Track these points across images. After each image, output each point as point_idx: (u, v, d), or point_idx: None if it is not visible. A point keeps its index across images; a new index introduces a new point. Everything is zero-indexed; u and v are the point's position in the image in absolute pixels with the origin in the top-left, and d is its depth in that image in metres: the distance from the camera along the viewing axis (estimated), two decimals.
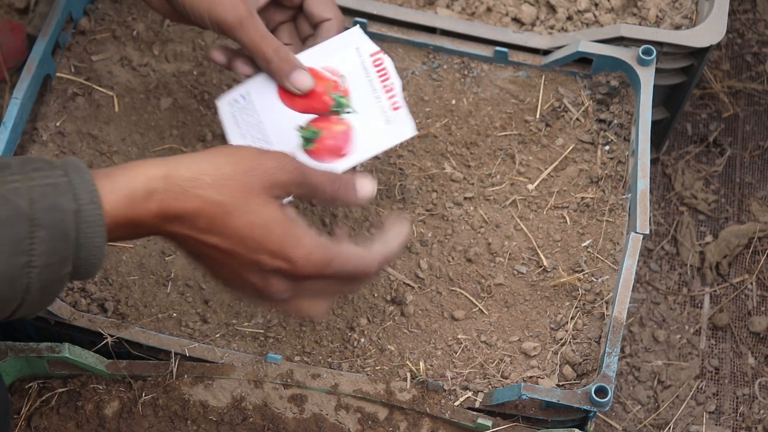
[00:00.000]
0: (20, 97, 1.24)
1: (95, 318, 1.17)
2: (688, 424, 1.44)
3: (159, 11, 1.12)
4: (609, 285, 1.21)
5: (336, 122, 1.10)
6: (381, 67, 1.12)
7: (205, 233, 0.88)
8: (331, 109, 1.11)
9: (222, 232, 0.88)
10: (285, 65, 1.09)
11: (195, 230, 0.88)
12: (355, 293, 1.17)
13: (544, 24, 1.38)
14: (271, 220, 0.89)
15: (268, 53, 1.08)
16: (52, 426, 1.13)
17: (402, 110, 1.11)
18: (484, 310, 1.21)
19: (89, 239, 0.83)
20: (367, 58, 1.12)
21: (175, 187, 0.86)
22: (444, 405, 1.13)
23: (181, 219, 0.87)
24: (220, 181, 0.88)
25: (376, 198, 1.26)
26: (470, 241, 1.24)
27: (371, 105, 1.11)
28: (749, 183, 1.63)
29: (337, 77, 1.11)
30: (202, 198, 0.87)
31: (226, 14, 1.05)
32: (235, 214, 0.88)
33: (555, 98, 1.32)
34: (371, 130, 1.11)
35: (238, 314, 1.20)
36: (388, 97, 1.11)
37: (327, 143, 1.10)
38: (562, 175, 1.28)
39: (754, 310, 1.53)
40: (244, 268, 0.91)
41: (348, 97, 1.11)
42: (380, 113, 1.11)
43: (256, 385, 1.14)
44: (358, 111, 1.11)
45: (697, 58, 1.38)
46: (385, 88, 1.11)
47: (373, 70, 1.12)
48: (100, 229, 0.83)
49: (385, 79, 1.11)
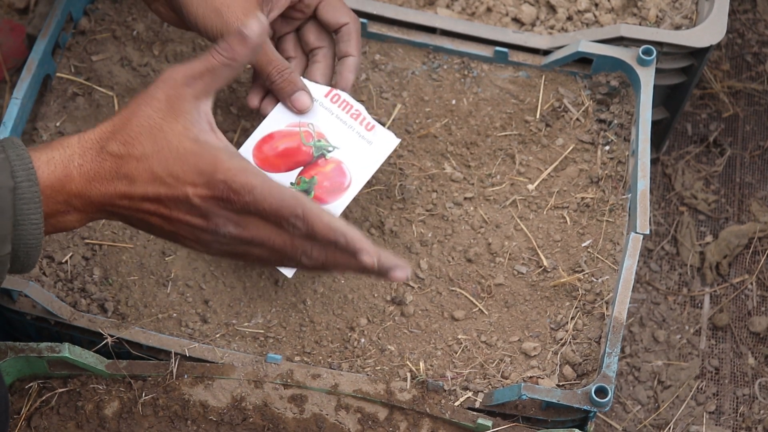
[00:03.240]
0: (20, 97, 1.24)
1: (95, 318, 1.17)
2: (688, 424, 1.44)
3: (166, 20, 1.14)
4: (609, 285, 1.21)
5: (324, 164, 1.15)
6: (340, 102, 1.17)
7: (128, 186, 0.90)
8: (314, 155, 1.16)
9: (138, 178, 0.89)
10: (287, 86, 1.14)
11: (119, 186, 0.90)
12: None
13: (544, 24, 1.38)
14: (183, 150, 0.89)
15: (273, 74, 1.13)
16: (52, 426, 1.13)
17: (377, 127, 1.17)
18: (484, 310, 1.21)
19: (27, 216, 0.86)
20: (323, 99, 1.17)
21: (89, 151, 0.89)
22: (444, 405, 1.13)
23: (99, 179, 0.89)
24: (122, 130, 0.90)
25: (376, 198, 1.26)
26: (470, 241, 1.24)
27: (348, 135, 1.16)
28: (749, 183, 1.63)
29: (305, 126, 1.16)
30: (110, 152, 0.89)
31: None
32: (146, 158, 0.89)
33: (555, 98, 1.32)
34: (359, 155, 1.16)
35: (238, 314, 1.20)
36: (359, 123, 1.17)
37: (325, 185, 1.15)
38: (562, 175, 1.28)
39: (754, 310, 1.53)
40: (177, 210, 0.91)
41: (324, 138, 1.16)
42: (359, 138, 1.17)
43: (256, 385, 1.14)
44: (339, 146, 1.16)
45: (697, 58, 1.38)
46: (352, 116, 1.17)
47: (334, 107, 1.17)
48: (37, 206, 0.86)
49: (348, 109, 1.17)
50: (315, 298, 1.21)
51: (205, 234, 0.92)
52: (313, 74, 1.18)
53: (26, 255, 0.88)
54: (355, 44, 1.17)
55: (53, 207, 0.90)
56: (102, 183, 0.90)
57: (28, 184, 0.86)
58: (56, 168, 0.89)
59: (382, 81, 1.33)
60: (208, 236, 0.92)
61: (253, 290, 1.21)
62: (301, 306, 1.20)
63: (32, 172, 0.87)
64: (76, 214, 0.91)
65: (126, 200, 0.91)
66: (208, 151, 0.90)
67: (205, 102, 0.93)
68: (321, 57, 1.19)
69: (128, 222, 0.94)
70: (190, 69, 0.91)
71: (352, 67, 1.17)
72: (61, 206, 0.90)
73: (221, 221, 0.91)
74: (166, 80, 0.91)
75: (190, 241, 0.93)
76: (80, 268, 1.21)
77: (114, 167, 0.90)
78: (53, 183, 0.89)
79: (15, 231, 0.86)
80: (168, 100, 0.90)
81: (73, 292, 1.19)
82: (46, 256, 1.20)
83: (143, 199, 0.90)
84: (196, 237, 0.92)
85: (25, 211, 0.86)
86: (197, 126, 0.91)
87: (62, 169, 0.89)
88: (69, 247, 1.21)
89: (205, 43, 1.34)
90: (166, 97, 0.90)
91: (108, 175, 0.90)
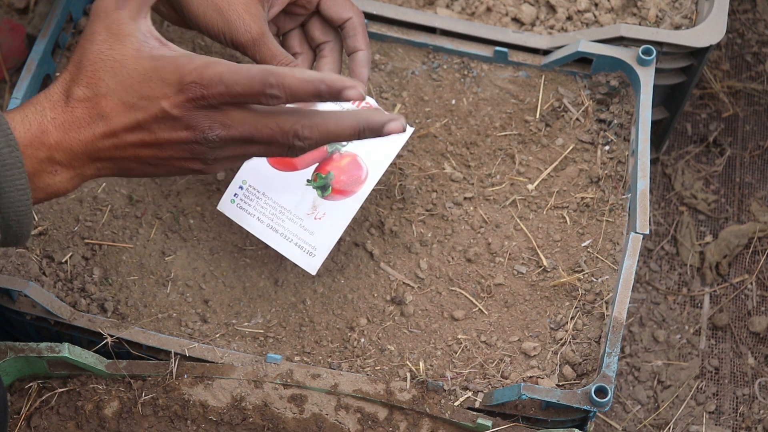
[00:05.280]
0: (20, 97, 1.24)
1: (95, 318, 1.17)
2: (688, 424, 1.44)
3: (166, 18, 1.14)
4: (609, 285, 1.21)
5: (339, 159, 1.15)
6: None
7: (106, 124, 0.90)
8: (329, 151, 1.16)
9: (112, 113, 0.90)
10: None
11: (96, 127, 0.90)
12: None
13: (544, 24, 1.38)
14: (143, 70, 0.89)
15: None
16: (52, 426, 1.13)
17: None
18: (484, 310, 1.21)
19: (11, 181, 0.86)
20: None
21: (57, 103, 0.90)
22: (444, 405, 1.13)
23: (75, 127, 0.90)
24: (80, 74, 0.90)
25: (376, 198, 1.26)
26: (470, 241, 1.24)
27: None
28: (749, 183, 1.63)
29: None
30: (77, 98, 0.89)
31: (239, 36, 1.09)
32: (112, 92, 0.89)
33: (555, 98, 1.32)
34: (374, 146, 1.15)
35: (238, 314, 1.20)
36: None
37: (342, 179, 1.15)
38: (562, 175, 1.28)
39: (754, 310, 1.53)
40: (160, 130, 0.91)
41: None
42: None
43: (256, 385, 1.14)
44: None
45: (697, 58, 1.38)
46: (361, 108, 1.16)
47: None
48: (20, 171, 0.86)
49: (358, 102, 1.16)
50: (315, 298, 1.21)
51: (196, 146, 0.91)
52: (321, 69, 1.18)
53: (18, 223, 0.88)
54: (361, 38, 1.17)
55: (36, 166, 0.89)
56: (79, 130, 0.90)
57: (9, 150, 0.86)
58: (31, 125, 0.89)
59: (381, 81, 1.33)
60: (200, 147, 0.91)
61: (253, 290, 1.21)
62: (300, 306, 1.20)
63: (11, 138, 0.87)
64: (64, 172, 0.91)
65: (108, 139, 0.90)
66: (167, 62, 0.89)
67: (144, 20, 0.92)
68: (328, 51, 1.19)
69: (120, 168, 0.94)
70: None
71: (364, 62, 1.17)
72: (46, 165, 0.90)
73: (206, 125, 0.90)
74: (98, 12, 0.91)
75: (186, 161, 0.93)
76: (80, 268, 1.21)
77: (86, 111, 0.90)
78: (31, 140, 0.89)
79: (1, 199, 0.86)
80: (108, 30, 0.90)
81: (73, 292, 1.19)
82: (46, 256, 1.21)
83: (124, 130, 0.90)
84: (191, 152, 0.92)
85: (9, 177, 0.86)
86: (147, 44, 0.91)
87: (37, 125, 0.89)
88: (69, 247, 1.22)
89: (206, 43, 1.34)
90: (105, 28, 0.90)
91: (83, 121, 0.90)
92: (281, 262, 1.22)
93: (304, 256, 1.15)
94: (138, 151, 0.92)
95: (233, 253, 1.23)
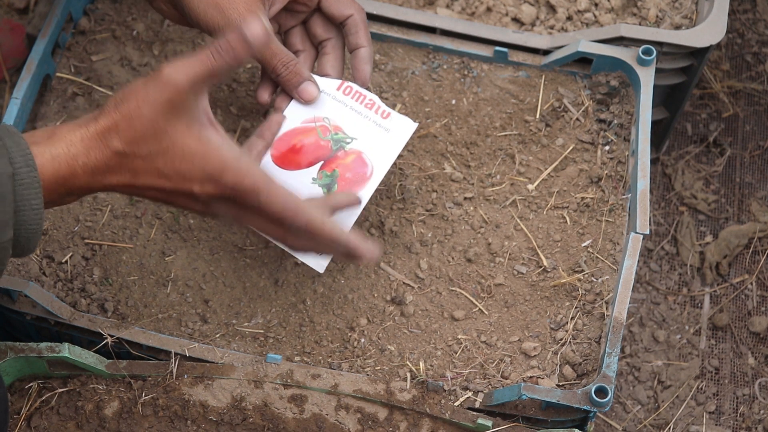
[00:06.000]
0: (20, 97, 1.24)
1: (95, 318, 1.17)
2: (688, 424, 1.44)
3: (167, 17, 1.14)
4: (609, 285, 1.21)
5: (344, 156, 1.15)
6: (353, 93, 1.17)
7: (133, 178, 0.92)
8: (333, 149, 1.16)
9: (143, 174, 0.91)
10: (293, 78, 1.15)
11: (123, 178, 0.92)
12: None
13: (544, 24, 1.38)
14: (188, 150, 0.91)
15: (278, 67, 1.14)
16: (52, 426, 1.13)
17: (393, 114, 1.17)
18: (484, 310, 1.21)
19: (27, 201, 0.86)
20: (335, 92, 1.17)
21: (93, 148, 0.90)
22: (444, 405, 1.13)
23: (103, 172, 0.91)
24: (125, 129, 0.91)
25: (376, 198, 1.26)
26: (470, 241, 1.24)
27: (365, 125, 1.16)
28: (749, 183, 1.63)
29: (321, 121, 1.16)
30: (114, 149, 0.90)
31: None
32: (151, 158, 0.91)
33: (555, 98, 1.32)
34: (378, 143, 1.16)
35: (238, 314, 1.20)
36: (374, 111, 1.17)
37: (347, 177, 1.15)
38: (562, 175, 1.28)
39: (754, 310, 1.53)
40: (178, 198, 0.94)
41: (341, 131, 1.16)
42: (376, 127, 1.16)
43: (256, 385, 1.14)
44: (357, 137, 1.16)
45: (697, 58, 1.38)
46: (367, 106, 1.17)
47: (347, 98, 1.17)
48: (37, 191, 0.87)
49: (362, 100, 1.17)
50: (315, 298, 1.21)
51: (204, 214, 0.97)
52: (323, 66, 1.18)
53: (27, 240, 0.89)
54: (363, 35, 1.17)
55: (54, 198, 0.91)
56: (105, 176, 0.91)
57: (27, 170, 0.87)
58: (61, 166, 0.89)
59: (381, 81, 1.33)
60: (206, 214, 0.97)
61: (253, 290, 1.21)
62: (301, 306, 1.20)
63: (30, 157, 0.87)
64: (74, 197, 0.93)
65: (129, 188, 0.93)
66: (213, 152, 0.92)
67: (203, 97, 0.94)
68: (330, 48, 1.19)
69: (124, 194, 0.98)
70: (191, 70, 0.91)
71: (366, 59, 1.17)
72: (63, 196, 0.92)
73: (222, 210, 0.95)
74: (168, 83, 0.90)
75: (184, 209, 0.98)
76: (80, 268, 1.21)
77: (119, 163, 0.91)
78: (57, 179, 0.90)
79: (16, 217, 0.86)
80: (170, 103, 0.90)
81: (73, 292, 1.19)
82: (46, 256, 1.21)
83: (147, 188, 0.93)
84: (193, 211, 0.97)
85: (26, 196, 0.87)
86: (198, 122, 0.92)
87: (66, 168, 0.90)
88: (69, 247, 1.21)
89: (206, 42, 1.34)
90: (168, 100, 0.90)
91: (112, 169, 0.91)
92: (281, 262, 1.22)
93: (311, 254, 1.15)
94: (152, 195, 0.95)
95: (233, 253, 1.23)
